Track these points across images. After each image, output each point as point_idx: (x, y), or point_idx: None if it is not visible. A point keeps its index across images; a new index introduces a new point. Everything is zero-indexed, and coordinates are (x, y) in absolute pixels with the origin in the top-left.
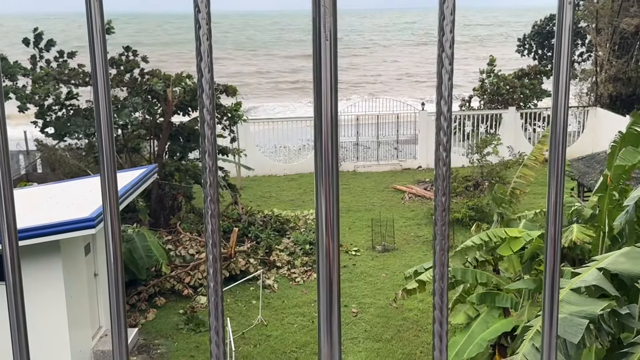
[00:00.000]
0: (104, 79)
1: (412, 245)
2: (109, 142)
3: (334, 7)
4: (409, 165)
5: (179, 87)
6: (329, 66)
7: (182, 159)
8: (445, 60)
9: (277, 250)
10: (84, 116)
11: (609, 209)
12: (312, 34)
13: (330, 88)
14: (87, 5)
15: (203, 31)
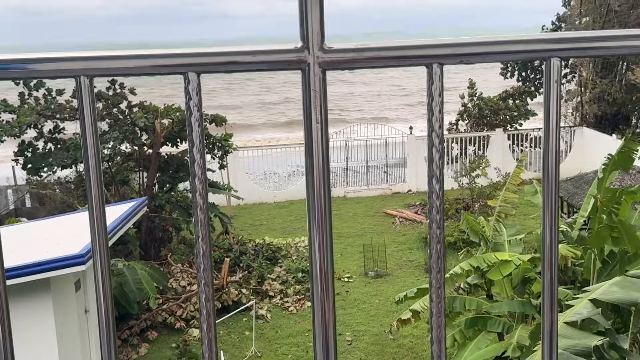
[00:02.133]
0: (91, 117)
1: (404, 270)
2: (97, 176)
3: (324, 90)
4: (398, 189)
5: (167, 119)
6: (321, 148)
7: (172, 190)
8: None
9: (269, 280)
10: (66, 149)
11: (598, 229)
12: (302, 117)
13: (322, 169)
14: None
15: (195, 117)
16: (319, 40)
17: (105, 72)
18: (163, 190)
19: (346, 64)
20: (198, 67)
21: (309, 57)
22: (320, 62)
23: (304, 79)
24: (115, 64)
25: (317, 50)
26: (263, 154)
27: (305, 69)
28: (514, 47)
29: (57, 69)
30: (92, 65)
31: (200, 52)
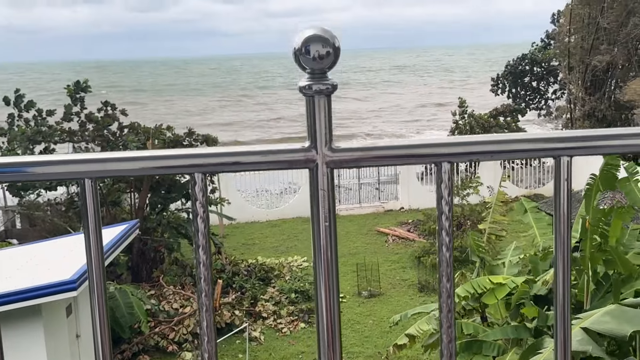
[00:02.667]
0: (95, 219)
1: (398, 290)
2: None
3: (332, 189)
4: (391, 206)
5: (158, 140)
6: (329, 248)
7: (163, 211)
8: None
9: (262, 301)
10: None
11: (591, 253)
12: (310, 216)
13: (329, 269)
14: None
15: (200, 216)
16: (327, 139)
17: (111, 174)
18: (155, 211)
19: (354, 163)
20: (205, 168)
21: (317, 156)
22: (328, 162)
23: (312, 177)
24: (120, 165)
25: (325, 149)
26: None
27: (313, 169)
28: (523, 145)
29: (62, 172)
30: (96, 168)
31: (207, 152)
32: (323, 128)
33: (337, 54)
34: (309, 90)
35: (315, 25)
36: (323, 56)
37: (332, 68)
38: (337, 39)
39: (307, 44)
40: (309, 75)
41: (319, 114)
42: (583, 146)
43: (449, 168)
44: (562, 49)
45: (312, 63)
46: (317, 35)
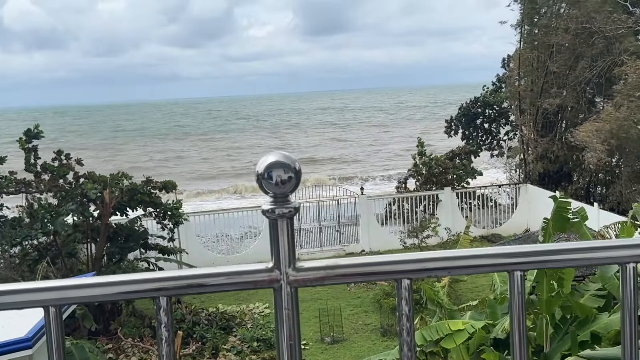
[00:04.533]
0: (60, 344)
1: (361, 335)
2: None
3: (296, 307)
4: (352, 249)
5: (115, 188)
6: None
7: (121, 261)
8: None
9: (224, 350)
10: (12, 226)
11: (548, 298)
12: (274, 334)
13: None
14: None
15: (165, 338)
16: (290, 259)
17: (76, 301)
18: (112, 261)
19: (317, 282)
20: (169, 292)
21: (280, 276)
22: (291, 281)
23: (276, 297)
24: (84, 292)
25: (288, 269)
26: (215, 218)
27: (277, 288)
28: (478, 261)
29: (25, 301)
30: (61, 295)
31: (172, 276)
32: (286, 249)
33: (299, 177)
34: (272, 214)
35: (277, 152)
36: (285, 181)
37: (294, 191)
38: (297, 162)
39: (269, 170)
40: (271, 199)
41: (282, 236)
42: (535, 261)
43: (409, 284)
44: (513, 92)
45: (274, 188)
46: (278, 161)
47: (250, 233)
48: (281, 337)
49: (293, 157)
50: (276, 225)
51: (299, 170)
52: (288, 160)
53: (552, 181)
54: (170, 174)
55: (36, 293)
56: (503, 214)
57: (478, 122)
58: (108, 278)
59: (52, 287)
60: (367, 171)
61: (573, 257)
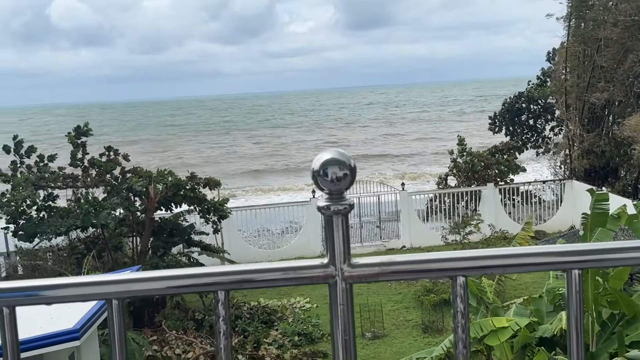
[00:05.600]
0: (122, 337)
1: (401, 331)
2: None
3: (351, 303)
4: (392, 245)
5: (160, 184)
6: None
7: (165, 255)
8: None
9: (265, 344)
10: (60, 216)
11: (594, 295)
12: (330, 329)
13: None
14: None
15: (223, 331)
16: (345, 256)
17: (137, 294)
18: (156, 255)
19: (372, 278)
20: (227, 286)
21: (335, 272)
22: (346, 277)
23: (331, 293)
24: (146, 285)
25: (343, 265)
26: (256, 213)
27: (332, 284)
28: (536, 259)
29: (89, 293)
30: (123, 288)
31: (229, 270)
32: (341, 245)
33: (354, 174)
34: (327, 211)
35: (332, 149)
36: (340, 178)
37: (349, 188)
38: (352, 159)
39: (325, 167)
40: (327, 196)
41: (337, 233)
42: (594, 259)
43: (465, 281)
44: (559, 87)
45: (329, 185)
46: (334, 158)
47: (291, 228)
48: (336, 332)
49: (348, 155)
50: (331, 221)
51: (354, 167)
52: (343, 158)
53: (599, 177)
54: (215, 170)
55: (100, 286)
56: (547, 211)
57: (522, 117)
58: (168, 272)
59: (115, 280)
60: (411, 167)
61: (633, 255)
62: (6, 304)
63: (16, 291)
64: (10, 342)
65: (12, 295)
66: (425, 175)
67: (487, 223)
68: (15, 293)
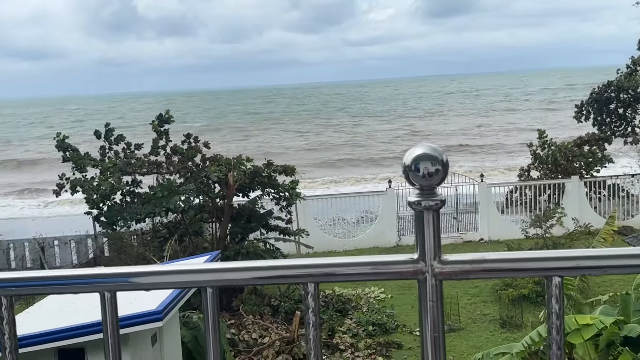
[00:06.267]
0: (217, 324)
1: (478, 325)
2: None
3: (441, 300)
4: (470, 237)
5: (238, 170)
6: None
7: (243, 241)
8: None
9: (339, 332)
10: (142, 202)
11: None
12: (419, 325)
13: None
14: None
15: (312, 322)
16: (436, 252)
17: (230, 283)
18: (235, 241)
19: (463, 275)
20: (316, 278)
21: (425, 268)
22: (436, 274)
23: (420, 289)
24: (239, 275)
25: (433, 261)
26: (332, 201)
27: (422, 280)
28: (635, 261)
29: (186, 281)
30: (218, 277)
31: (319, 263)
32: (431, 241)
33: (446, 169)
34: (418, 206)
35: (424, 144)
36: (432, 173)
37: (440, 184)
38: (445, 155)
39: (416, 162)
40: (418, 191)
41: (428, 228)
42: None
43: (560, 282)
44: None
45: (421, 180)
46: (426, 153)
47: (366, 218)
48: (425, 328)
49: (440, 150)
50: (422, 217)
51: (446, 162)
52: (435, 153)
53: None
54: (293, 159)
55: (195, 274)
56: (636, 206)
57: (611, 107)
58: (260, 263)
59: (209, 269)
60: (491, 158)
61: None
62: (108, 289)
63: (117, 277)
64: (111, 323)
65: (114, 281)
66: (505, 167)
67: (570, 217)
68: (116, 279)
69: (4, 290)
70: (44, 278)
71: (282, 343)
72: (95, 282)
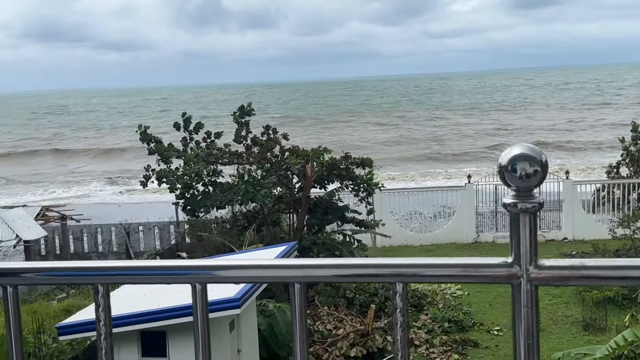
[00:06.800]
0: (303, 320)
1: (559, 326)
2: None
3: (536, 306)
4: (553, 236)
5: (316, 162)
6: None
7: (319, 232)
8: None
9: (414, 328)
10: (222, 190)
11: None
12: (512, 331)
13: None
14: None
15: (399, 322)
16: (532, 256)
17: (319, 280)
18: (312, 232)
19: (560, 281)
20: (405, 278)
21: (520, 273)
22: (531, 279)
23: (514, 294)
24: (327, 272)
25: (529, 266)
26: (409, 195)
27: (516, 285)
28: None
29: (276, 276)
30: (305, 273)
31: (409, 263)
32: (527, 245)
33: (545, 171)
34: (513, 208)
35: (522, 143)
36: (530, 175)
37: (538, 186)
38: (544, 155)
39: (513, 162)
40: (514, 193)
41: (524, 231)
42: None
43: None
44: None
45: (518, 181)
46: (524, 154)
47: (444, 213)
48: (518, 334)
49: (539, 150)
50: (518, 219)
51: (545, 163)
52: (534, 153)
53: None
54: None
55: (285, 270)
56: None
57: None
58: (349, 260)
59: (299, 265)
60: (578, 154)
61: None
62: (199, 281)
63: (208, 269)
64: (201, 314)
65: (205, 273)
66: (594, 165)
67: None
68: (208, 271)
69: (101, 279)
70: (139, 268)
71: (357, 335)
72: (187, 274)
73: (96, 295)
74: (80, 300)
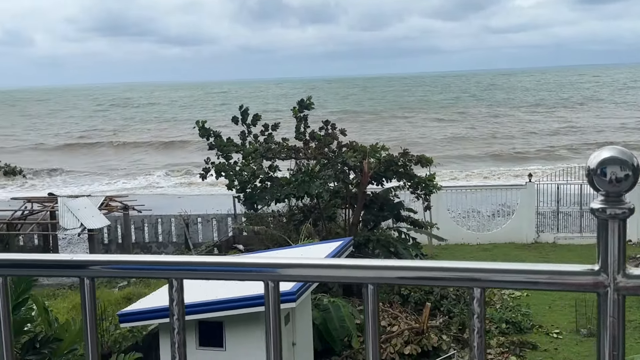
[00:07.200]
0: (376, 322)
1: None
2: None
3: (623, 318)
4: None
5: (373, 158)
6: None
7: (374, 228)
8: None
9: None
10: (280, 185)
11: None
12: (596, 340)
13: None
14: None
15: (476, 328)
16: (620, 264)
17: (391, 281)
18: (367, 228)
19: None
20: (484, 283)
21: (607, 281)
22: (619, 288)
23: (600, 303)
24: (401, 273)
25: (617, 274)
26: (466, 193)
27: (603, 294)
28: None
29: (348, 276)
30: (379, 274)
31: (489, 268)
32: (616, 253)
33: (637, 175)
34: (602, 214)
35: (612, 146)
36: (620, 179)
37: (629, 191)
38: (636, 159)
39: (603, 166)
40: (602, 198)
41: (612, 238)
42: None
43: None
44: None
45: (607, 185)
46: (614, 157)
47: (502, 211)
48: (603, 345)
49: (630, 153)
50: (606, 225)
51: (637, 167)
52: (625, 157)
53: None
54: (430, 150)
55: (359, 270)
56: None
57: None
58: (425, 263)
59: (371, 266)
60: None
61: None
62: (272, 279)
63: (281, 267)
64: (273, 311)
65: (279, 272)
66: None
67: None
68: (281, 269)
69: (176, 273)
70: (213, 264)
71: (411, 333)
72: (260, 272)
73: (170, 289)
74: (141, 288)
